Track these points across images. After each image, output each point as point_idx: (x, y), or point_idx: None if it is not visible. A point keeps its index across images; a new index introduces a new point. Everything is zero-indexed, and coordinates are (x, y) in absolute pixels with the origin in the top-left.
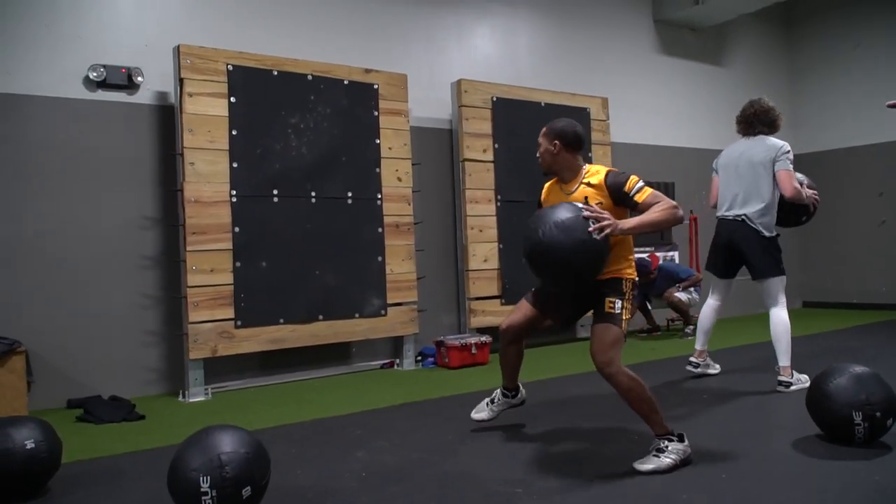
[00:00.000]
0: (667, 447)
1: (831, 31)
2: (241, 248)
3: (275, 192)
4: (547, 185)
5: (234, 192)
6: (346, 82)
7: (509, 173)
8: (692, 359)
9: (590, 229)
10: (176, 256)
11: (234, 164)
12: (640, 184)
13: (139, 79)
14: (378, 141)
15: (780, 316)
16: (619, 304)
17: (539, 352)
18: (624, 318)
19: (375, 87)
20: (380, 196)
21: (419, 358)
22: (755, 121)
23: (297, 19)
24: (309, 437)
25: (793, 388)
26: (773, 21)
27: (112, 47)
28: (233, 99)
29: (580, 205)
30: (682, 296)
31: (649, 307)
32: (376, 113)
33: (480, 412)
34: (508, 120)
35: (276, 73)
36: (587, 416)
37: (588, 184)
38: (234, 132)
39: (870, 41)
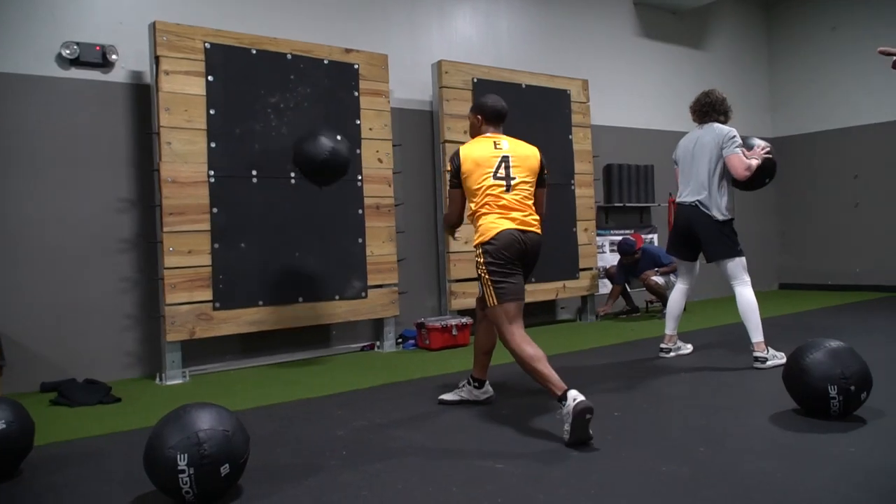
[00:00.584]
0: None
1: (808, 15)
2: (220, 229)
3: (254, 172)
4: None
5: (212, 173)
6: (326, 62)
7: None
8: (662, 344)
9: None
10: (153, 238)
11: (213, 144)
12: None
13: (114, 57)
14: (358, 122)
15: (744, 295)
16: (480, 286)
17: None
18: (488, 293)
19: (356, 67)
20: (360, 177)
21: (400, 340)
22: (710, 110)
23: None
24: (289, 417)
25: (769, 363)
26: (752, 4)
27: (86, 24)
28: (210, 78)
29: None
30: (659, 279)
31: (628, 289)
32: (357, 93)
33: (446, 393)
34: None
35: (254, 51)
36: None
37: None
38: (211, 111)
39: (846, 24)
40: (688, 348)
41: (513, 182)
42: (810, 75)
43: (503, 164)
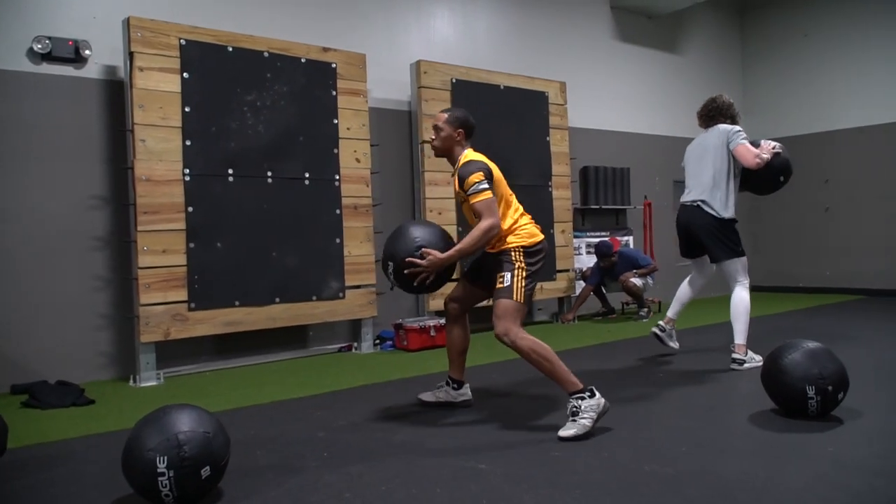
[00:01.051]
0: (579, 407)
1: (781, 21)
2: (195, 228)
3: (230, 171)
4: None
5: (187, 171)
6: (303, 60)
7: None
8: (661, 322)
9: (409, 274)
10: (126, 237)
11: (188, 142)
12: (478, 186)
13: (87, 52)
14: (336, 121)
15: (740, 296)
16: (507, 276)
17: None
18: (517, 286)
19: (333, 66)
20: (338, 177)
21: (378, 341)
22: (716, 114)
23: None
24: (268, 419)
25: (745, 366)
26: (727, 10)
27: (58, 18)
28: (186, 75)
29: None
30: (637, 281)
31: (604, 291)
32: (334, 92)
33: (426, 393)
34: (468, 102)
35: (231, 49)
36: (548, 395)
37: (455, 172)
38: (187, 109)
39: (818, 31)
40: (675, 344)
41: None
42: (783, 80)
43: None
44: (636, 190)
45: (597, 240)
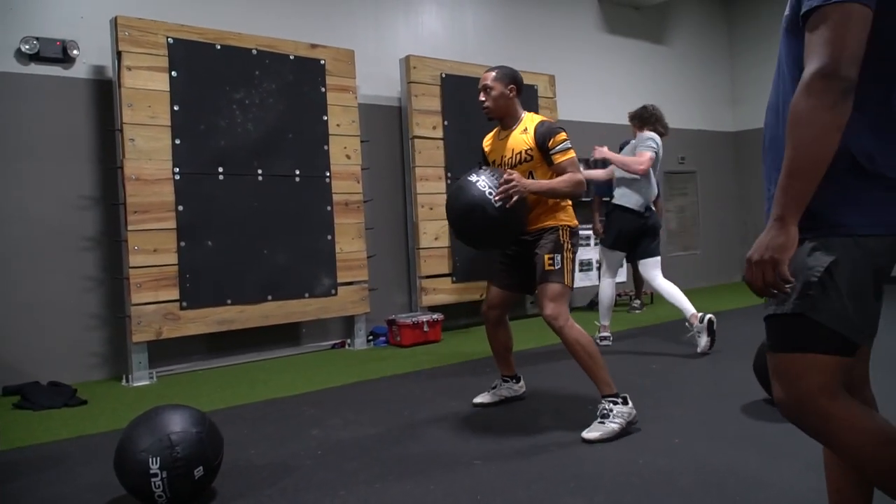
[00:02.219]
0: (611, 411)
1: (767, 10)
2: (186, 227)
3: (220, 169)
4: (489, 135)
5: (177, 170)
6: (291, 57)
7: (459, 150)
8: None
9: (494, 197)
10: (117, 236)
11: (177, 141)
12: (565, 144)
13: (75, 52)
14: (326, 118)
15: (662, 284)
16: (558, 258)
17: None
18: (567, 269)
19: (322, 62)
20: (328, 174)
21: (371, 337)
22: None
23: None
24: (262, 417)
25: (690, 334)
26: (712, 1)
27: (46, 19)
28: (174, 73)
29: (490, 176)
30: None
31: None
32: (323, 89)
33: (481, 396)
34: (458, 96)
35: (219, 46)
36: (540, 388)
37: (524, 130)
38: (176, 107)
39: None
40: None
41: None
42: (770, 69)
43: None
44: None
45: (589, 232)
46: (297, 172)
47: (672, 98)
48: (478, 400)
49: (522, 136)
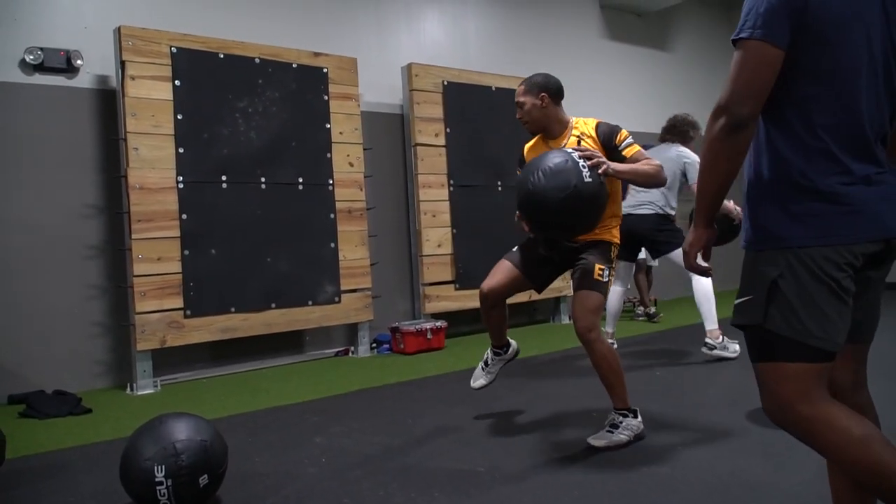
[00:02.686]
0: (621, 423)
1: None
2: (190, 235)
3: (223, 177)
4: (529, 143)
5: (180, 179)
6: (294, 66)
7: (462, 158)
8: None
9: (583, 165)
10: (121, 245)
11: (181, 150)
12: (630, 139)
13: (79, 62)
14: (329, 125)
15: (700, 282)
16: (606, 271)
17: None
18: (608, 284)
19: (325, 70)
20: (331, 181)
21: (374, 345)
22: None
23: (243, 1)
24: (265, 426)
25: (715, 352)
26: (715, 6)
27: (50, 29)
28: (177, 82)
29: (569, 149)
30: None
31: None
32: (326, 97)
33: (478, 379)
34: (460, 104)
35: (222, 55)
36: (545, 396)
37: (581, 134)
38: (179, 116)
39: None
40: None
41: None
42: None
43: None
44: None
45: None
46: (301, 180)
47: (675, 104)
48: (476, 384)
49: (577, 140)
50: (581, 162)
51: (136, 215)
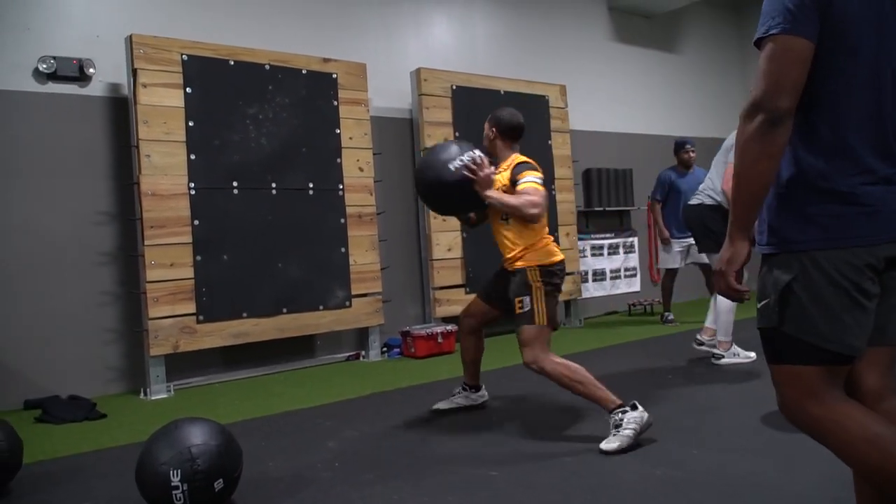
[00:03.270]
0: (622, 419)
1: None
2: (202, 241)
3: (234, 183)
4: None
5: (192, 185)
6: (304, 72)
7: None
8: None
9: (459, 162)
10: (133, 251)
11: (192, 156)
12: (529, 179)
13: (91, 70)
14: (338, 131)
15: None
16: (526, 300)
17: (510, 339)
18: (538, 310)
19: (334, 76)
20: (341, 186)
21: (385, 349)
22: None
23: (253, 8)
24: (278, 430)
25: (723, 360)
26: (723, 8)
27: (62, 38)
28: (189, 89)
29: (468, 153)
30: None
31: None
32: (336, 103)
33: (441, 402)
34: (468, 108)
35: (232, 62)
36: (557, 399)
37: (507, 167)
38: (190, 123)
39: None
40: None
41: None
42: None
43: None
44: (639, 191)
45: (601, 241)
46: (311, 186)
47: (684, 107)
48: (436, 406)
49: (502, 174)
50: (460, 160)
51: (148, 222)
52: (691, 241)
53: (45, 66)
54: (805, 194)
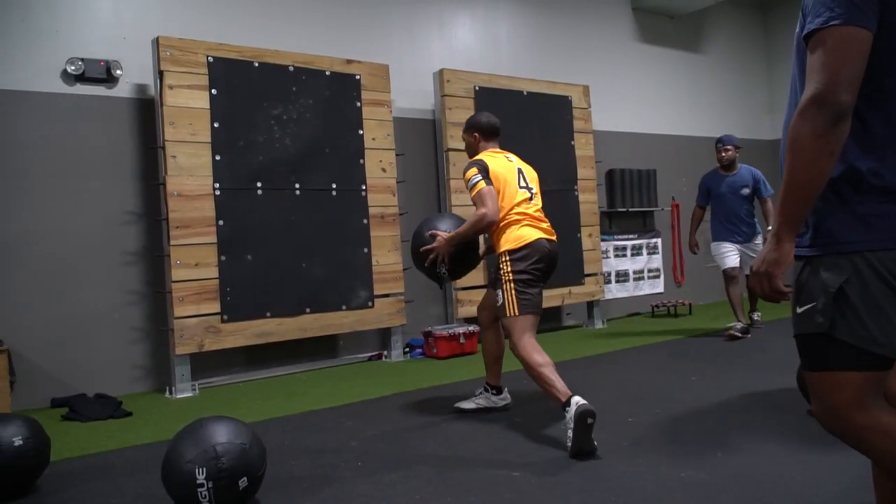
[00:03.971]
0: (565, 419)
1: None
2: (226, 241)
3: (258, 184)
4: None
5: (217, 186)
6: (327, 73)
7: None
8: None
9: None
10: (159, 251)
11: (217, 157)
12: (472, 181)
13: (118, 72)
14: (361, 132)
15: None
16: (499, 293)
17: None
18: (508, 301)
19: (357, 77)
20: (364, 187)
21: (407, 349)
22: None
23: (277, 10)
24: (301, 429)
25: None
26: (748, 7)
27: (90, 40)
28: (214, 91)
29: (449, 221)
30: None
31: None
32: (359, 104)
33: (463, 402)
34: (491, 109)
35: (257, 64)
36: None
37: None
38: (215, 125)
39: None
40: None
41: (532, 192)
42: None
43: (521, 176)
44: (663, 191)
45: (624, 242)
46: (334, 186)
47: (708, 107)
48: (458, 405)
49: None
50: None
51: (174, 222)
52: (739, 245)
53: (73, 67)
54: (856, 193)
